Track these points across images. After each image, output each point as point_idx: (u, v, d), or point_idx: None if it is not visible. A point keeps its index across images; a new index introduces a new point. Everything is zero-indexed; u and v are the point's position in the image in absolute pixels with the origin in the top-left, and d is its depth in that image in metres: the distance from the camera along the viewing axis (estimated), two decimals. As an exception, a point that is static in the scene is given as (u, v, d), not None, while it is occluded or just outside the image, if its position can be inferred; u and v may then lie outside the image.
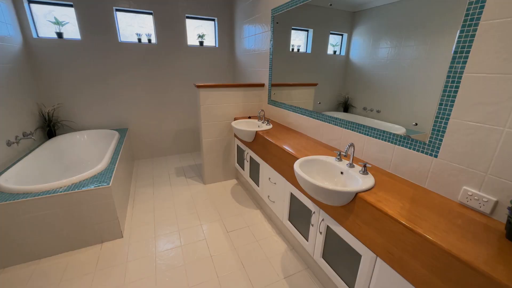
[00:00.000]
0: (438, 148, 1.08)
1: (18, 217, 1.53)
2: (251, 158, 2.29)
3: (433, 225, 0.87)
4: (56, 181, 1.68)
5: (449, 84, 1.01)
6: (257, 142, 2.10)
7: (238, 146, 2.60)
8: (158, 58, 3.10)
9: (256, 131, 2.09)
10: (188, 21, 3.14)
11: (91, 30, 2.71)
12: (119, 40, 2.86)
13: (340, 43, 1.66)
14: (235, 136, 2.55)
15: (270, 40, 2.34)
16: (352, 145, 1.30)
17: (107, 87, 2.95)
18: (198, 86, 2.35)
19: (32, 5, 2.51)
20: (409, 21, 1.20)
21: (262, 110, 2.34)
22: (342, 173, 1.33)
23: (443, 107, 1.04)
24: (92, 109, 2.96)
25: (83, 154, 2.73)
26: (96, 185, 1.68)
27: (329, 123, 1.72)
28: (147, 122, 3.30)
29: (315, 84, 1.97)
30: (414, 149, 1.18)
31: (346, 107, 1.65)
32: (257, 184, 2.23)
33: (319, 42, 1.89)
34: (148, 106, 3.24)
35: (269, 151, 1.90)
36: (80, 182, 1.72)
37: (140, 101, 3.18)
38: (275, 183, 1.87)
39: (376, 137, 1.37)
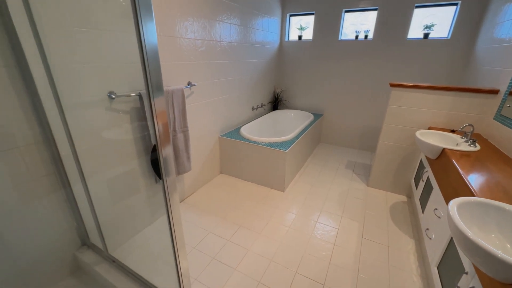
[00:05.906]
0: None
1: (240, 152, 2.61)
2: (428, 178, 1.86)
3: None
4: (265, 138, 2.58)
5: None
6: (441, 161, 1.66)
7: (421, 160, 2.16)
8: (368, 54, 3.16)
9: (443, 149, 1.64)
10: (416, 11, 2.80)
11: (320, 32, 3.36)
12: (339, 39, 3.28)
13: None
14: (421, 148, 2.13)
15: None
16: None
17: (316, 78, 3.60)
18: (392, 85, 2.20)
19: (291, 17, 3.61)
20: None
21: (470, 125, 1.71)
22: (545, 247, 0.82)
23: None
24: (302, 94, 3.81)
25: (287, 125, 3.70)
26: (278, 148, 2.37)
27: None
28: (340, 113, 3.62)
29: None
30: None
31: None
32: (423, 210, 1.81)
33: None
34: (345, 99, 3.51)
35: (448, 176, 1.47)
36: (273, 143, 2.50)
37: (339, 93, 3.52)
38: (439, 217, 1.46)
39: None
